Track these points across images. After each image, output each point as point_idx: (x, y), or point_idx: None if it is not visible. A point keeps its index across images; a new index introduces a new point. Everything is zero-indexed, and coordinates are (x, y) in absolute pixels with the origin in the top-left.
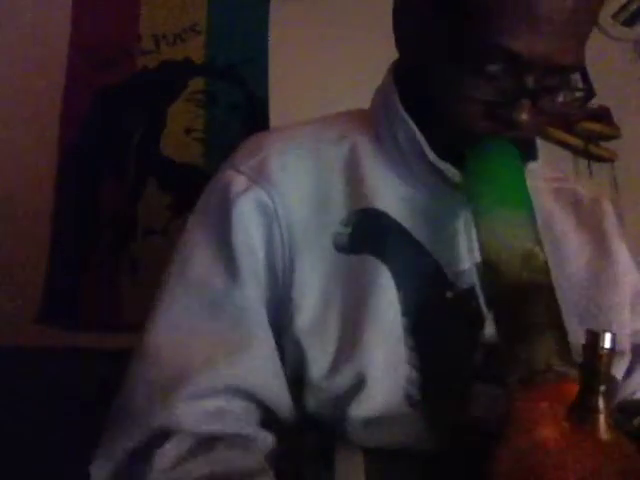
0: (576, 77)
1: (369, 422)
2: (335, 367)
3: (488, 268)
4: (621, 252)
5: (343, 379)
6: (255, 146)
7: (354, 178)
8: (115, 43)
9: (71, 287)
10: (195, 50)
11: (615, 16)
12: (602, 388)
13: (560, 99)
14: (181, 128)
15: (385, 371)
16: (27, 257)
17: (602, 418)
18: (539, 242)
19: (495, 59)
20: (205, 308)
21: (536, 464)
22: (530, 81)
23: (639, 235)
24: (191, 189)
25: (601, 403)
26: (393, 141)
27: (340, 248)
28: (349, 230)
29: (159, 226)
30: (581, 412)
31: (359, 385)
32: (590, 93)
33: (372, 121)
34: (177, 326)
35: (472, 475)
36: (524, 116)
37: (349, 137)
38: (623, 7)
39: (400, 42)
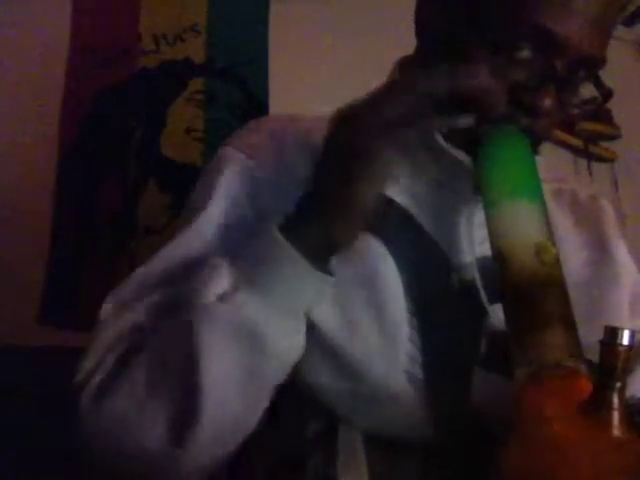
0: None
1: (369, 398)
2: (334, 343)
3: (498, 260)
4: (620, 251)
5: (341, 352)
6: (254, 126)
7: None
8: (115, 43)
9: (71, 287)
10: (195, 50)
11: None
12: (618, 385)
13: (577, 100)
14: (181, 128)
15: (385, 347)
16: (27, 257)
17: (617, 415)
18: (551, 235)
19: (528, 39)
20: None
21: (548, 460)
22: (559, 65)
23: (639, 235)
24: (191, 189)
25: (616, 400)
26: None
27: None
28: None
29: (159, 226)
30: (595, 408)
31: (358, 360)
32: (609, 93)
33: None
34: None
35: (473, 467)
36: (547, 102)
37: None
38: None
39: (423, 24)
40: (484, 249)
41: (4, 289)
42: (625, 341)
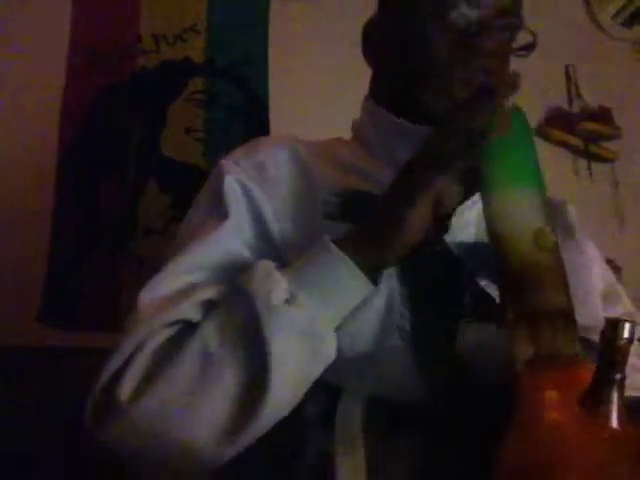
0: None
1: (365, 361)
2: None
3: (496, 246)
4: (588, 245)
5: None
6: (251, 146)
7: (341, 167)
8: (115, 43)
9: (71, 287)
10: (195, 50)
11: (615, 16)
12: (618, 377)
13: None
14: (181, 128)
15: (380, 307)
16: (27, 257)
17: (615, 407)
18: (549, 221)
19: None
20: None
21: (547, 452)
22: (485, 14)
23: (639, 235)
24: (191, 189)
25: (615, 392)
26: (384, 147)
27: (329, 215)
28: (339, 199)
29: (159, 226)
30: (595, 401)
31: (356, 322)
32: (533, 42)
33: (357, 136)
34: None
35: (469, 432)
36: (487, 40)
37: (338, 144)
38: (623, 7)
39: (372, 54)
40: (463, 235)
41: (4, 289)
42: (625, 334)
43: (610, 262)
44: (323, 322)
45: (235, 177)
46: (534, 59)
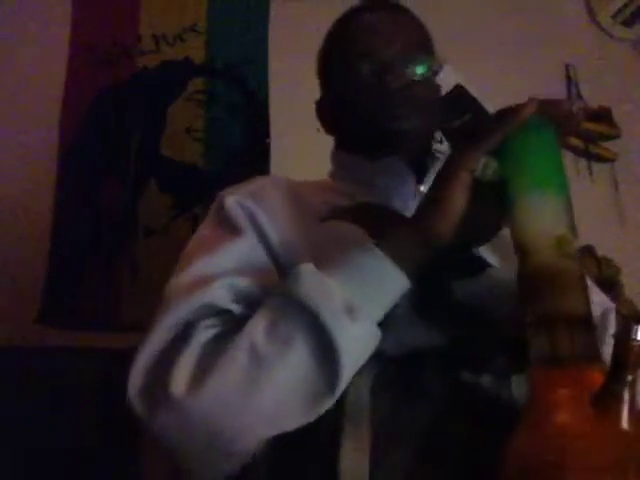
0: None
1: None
2: None
3: (518, 251)
4: None
5: None
6: (243, 183)
7: (322, 186)
8: (115, 43)
9: (71, 287)
10: (195, 50)
11: (615, 16)
12: (629, 378)
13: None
14: (181, 128)
15: None
16: (27, 257)
17: (626, 408)
18: (572, 227)
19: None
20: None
21: (556, 448)
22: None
23: (639, 235)
24: (191, 189)
25: (626, 393)
26: (356, 177)
27: (325, 217)
28: (332, 207)
29: (159, 226)
30: (606, 400)
31: None
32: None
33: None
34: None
35: (472, 420)
36: (396, 81)
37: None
38: (623, 7)
39: (330, 122)
40: None
41: (4, 289)
42: (639, 336)
43: (610, 262)
44: (377, 332)
45: (234, 199)
46: (534, 59)
